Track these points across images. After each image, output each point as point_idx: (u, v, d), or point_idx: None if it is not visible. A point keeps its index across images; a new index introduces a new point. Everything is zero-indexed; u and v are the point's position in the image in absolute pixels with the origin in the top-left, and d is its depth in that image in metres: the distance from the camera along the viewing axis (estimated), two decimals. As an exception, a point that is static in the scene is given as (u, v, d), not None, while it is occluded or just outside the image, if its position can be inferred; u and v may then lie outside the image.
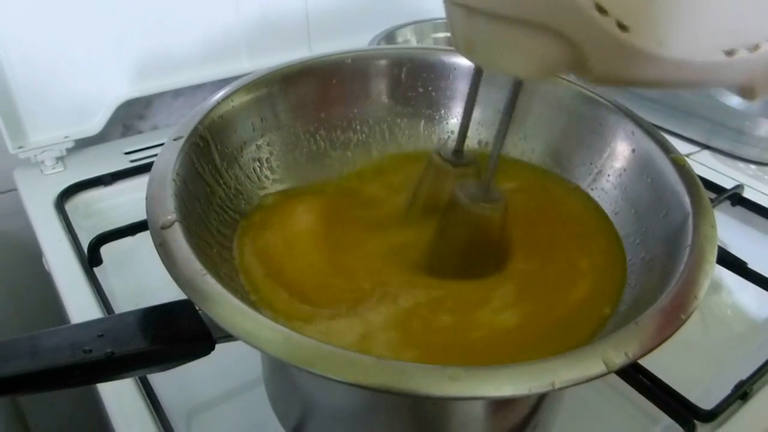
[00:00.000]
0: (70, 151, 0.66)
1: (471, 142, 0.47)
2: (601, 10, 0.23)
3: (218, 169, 0.39)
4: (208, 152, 0.38)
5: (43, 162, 0.65)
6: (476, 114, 0.47)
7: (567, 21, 0.24)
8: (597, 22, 0.24)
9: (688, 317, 0.27)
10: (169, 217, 0.30)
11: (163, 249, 0.29)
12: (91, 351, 0.28)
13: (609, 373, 0.25)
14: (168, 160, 0.34)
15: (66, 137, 0.65)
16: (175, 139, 0.35)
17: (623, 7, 0.24)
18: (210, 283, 0.27)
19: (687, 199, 0.33)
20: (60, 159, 0.66)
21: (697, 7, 0.24)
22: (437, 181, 0.40)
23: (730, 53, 0.25)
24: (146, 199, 0.32)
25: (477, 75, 0.37)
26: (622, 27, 0.24)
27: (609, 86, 0.29)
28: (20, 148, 0.63)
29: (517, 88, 0.33)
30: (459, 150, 0.40)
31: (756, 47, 0.25)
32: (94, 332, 0.29)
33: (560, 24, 0.25)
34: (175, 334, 0.30)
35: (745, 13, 0.24)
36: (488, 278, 0.36)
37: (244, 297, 0.33)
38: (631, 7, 0.24)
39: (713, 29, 0.24)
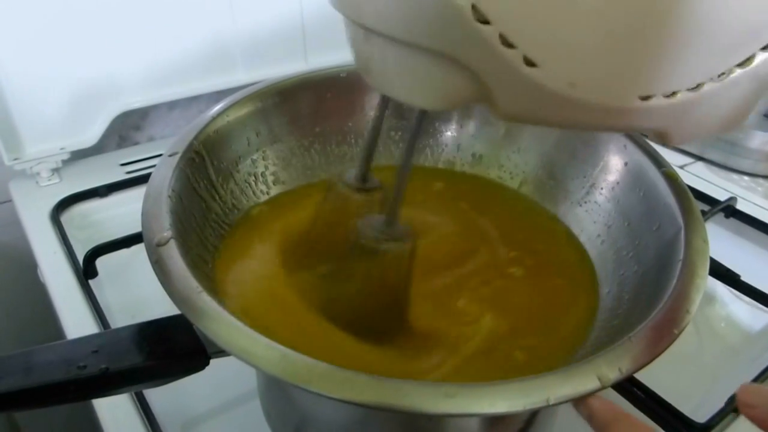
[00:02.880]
0: (65, 162, 0.66)
1: (464, 154, 0.48)
2: (507, 42, 0.22)
3: (214, 185, 0.39)
4: (204, 167, 0.38)
5: (38, 173, 0.65)
6: (470, 127, 0.48)
7: (469, 51, 0.22)
8: (501, 55, 0.22)
9: (681, 332, 0.27)
10: (165, 234, 0.30)
11: (159, 266, 0.29)
12: (85, 367, 0.28)
13: (603, 388, 0.25)
14: (164, 176, 0.34)
15: (62, 149, 0.65)
16: (170, 155, 0.36)
17: (532, 42, 0.22)
18: (206, 301, 0.27)
19: (679, 213, 0.34)
20: (56, 170, 0.66)
21: (612, 49, 0.22)
22: (339, 209, 0.37)
23: (645, 98, 0.23)
24: (142, 215, 0.32)
25: (383, 98, 0.35)
26: (530, 63, 0.22)
27: (518, 123, 0.27)
28: (16, 159, 0.63)
29: (420, 117, 0.30)
30: (363, 174, 0.36)
31: (673, 94, 0.24)
32: (89, 348, 0.29)
33: (462, 54, 0.23)
34: (170, 350, 0.30)
35: (663, 59, 0.22)
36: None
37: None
38: (540, 42, 0.22)
39: (629, 74, 0.23)
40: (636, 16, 0.21)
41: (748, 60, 0.24)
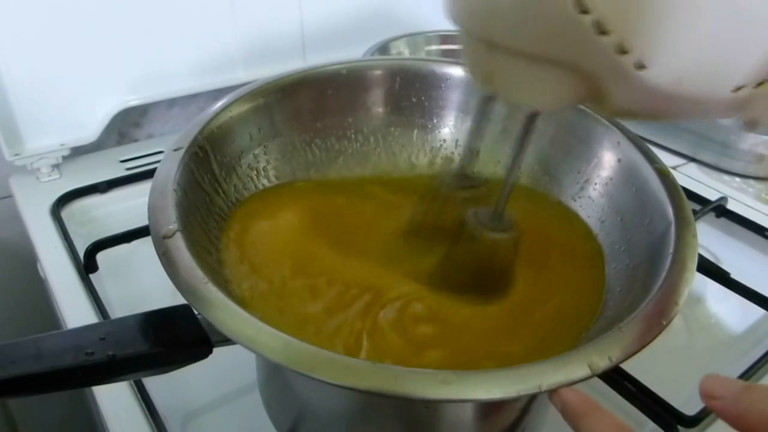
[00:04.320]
0: (66, 158, 0.67)
1: (462, 150, 0.48)
2: (623, 50, 0.24)
3: (217, 179, 0.39)
4: (208, 162, 0.39)
5: (39, 169, 0.65)
6: (469, 124, 0.48)
7: (589, 60, 0.25)
8: (618, 61, 0.24)
9: (669, 323, 0.28)
10: (171, 227, 0.31)
11: (166, 258, 0.30)
12: (93, 353, 0.29)
13: (593, 376, 0.26)
14: (169, 170, 0.35)
15: (62, 145, 0.65)
16: (175, 150, 0.36)
17: (644, 48, 0.24)
18: (212, 291, 0.28)
19: (670, 209, 0.35)
20: (56, 166, 0.66)
21: (715, 47, 0.24)
22: (444, 204, 0.40)
23: (738, 89, 0.26)
24: (148, 209, 0.33)
25: (484, 101, 0.37)
26: (642, 66, 0.24)
27: (625, 119, 0.29)
28: (16, 155, 0.63)
29: (531, 119, 0.33)
30: (465, 173, 0.40)
31: (760, 84, 0.26)
32: (96, 335, 0.29)
33: (582, 62, 0.25)
34: (175, 338, 0.31)
35: (753, 51, 0.25)
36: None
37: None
38: (651, 47, 0.24)
39: (727, 68, 0.25)
40: (733, 19, 0.23)
41: None
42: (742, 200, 0.66)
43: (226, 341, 0.30)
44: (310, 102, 0.46)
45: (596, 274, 0.38)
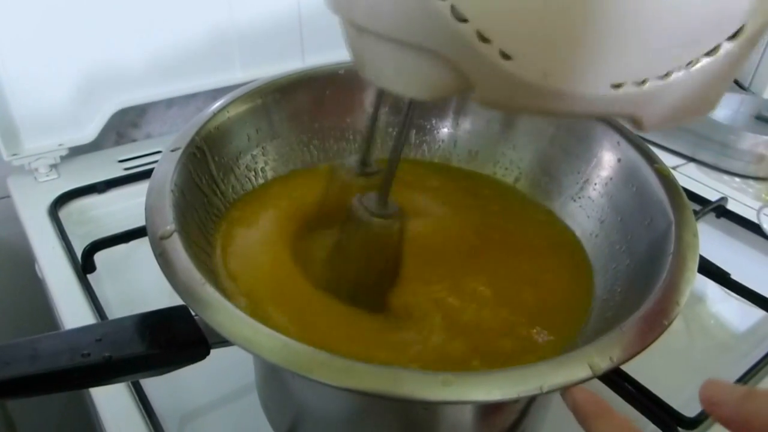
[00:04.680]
0: (64, 158, 0.66)
1: (460, 150, 0.48)
2: (483, 38, 0.23)
3: (215, 179, 0.39)
4: (205, 163, 0.39)
5: (37, 169, 0.65)
6: (467, 124, 0.48)
7: (450, 47, 0.24)
8: (479, 50, 0.23)
9: (670, 323, 0.28)
10: (168, 228, 0.31)
11: (163, 259, 0.30)
12: (89, 355, 0.28)
13: (594, 377, 0.26)
14: (166, 170, 0.35)
15: (60, 145, 0.65)
16: (172, 150, 0.36)
17: (507, 37, 0.23)
18: (209, 292, 0.28)
19: (670, 208, 0.34)
20: (54, 166, 0.66)
21: (583, 40, 0.23)
22: (341, 192, 0.39)
23: (617, 86, 0.25)
24: (146, 209, 0.32)
25: (379, 90, 0.37)
26: (506, 56, 0.23)
27: (498, 110, 0.28)
28: (14, 155, 0.63)
29: (409, 106, 0.32)
30: (363, 159, 0.39)
31: (643, 82, 0.25)
32: (93, 336, 0.29)
33: (443, 50, 0.24)
34: (172, 339, 0.30)
35: (631, 49, 0.24)
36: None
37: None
38: (514, 36, 0.23)
39: (600, 63, 0.24)
40: (601, 8, 0.22)
41: (715, 49, 0.25)
42: (742, 200, 0.66)
43: (224, 342, 0.29)
44: (308, 103, 0.45)
45: (582, 285, 0.38)
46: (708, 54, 0.25)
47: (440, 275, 0.38)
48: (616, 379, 0.43)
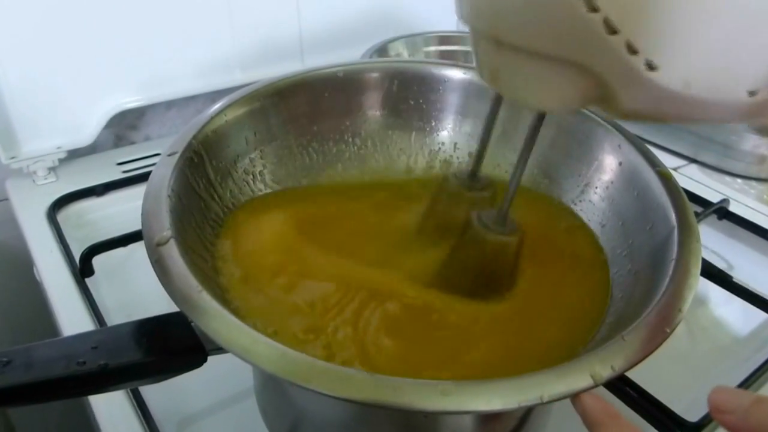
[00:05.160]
0: (62, 161, 0.66)
1: (461, 153, 0.48)
2: (632, 49, 0.24)
3: (212, 184, 0.39)
4: (203, 167, 0.38)
5: (35, 172, 0.65)
6: (467, 127, 0.48)
7: (597, 59, 0.25)
8: (627, 61, 0.24)
9: (673, 330, 0.28)
10: (165, 234, 0.31)
11: (159, 265, 0.29)
12: (84, 363, 0.28)
13: (596, 386, 0.25)
14: (163, 175, 0.34)
15: (58, 148, 0.65)
16: (169, 155, 0.36)
17: (654, 48, 0.24)
18: (206, 300, 0.28)
19: (672, 213, 0.34)
20: (52, 169, 0.66)
21: (725, 50, 0.24)
22: (450, 205, 0.40)
23: (752, 93, 0.26)
24: (142, 215, 0.32)
25: (496, 101, 0.37)
26: (651, 67, 0.24)
27: (634, 121, 0.29)
28: (12, 158, 0.63)
29: (538, 120, 0.33)
30: (474, 173, 0.40)
31: None
32: (88, 344, 0.29)
33: (590, 61, 0.25)
34: (168, 346, 0.30)
35: (766, 57, 0.25)
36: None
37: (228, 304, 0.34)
38: (661, 47, 0.24)
39: (738, 71, 0.25)
40: (740, 18, 0.23)
41: None
42: (744, 202, 0.66)
43: (221, 350, 0.29)
44: (306, 105, 0.45)
45: (601, 279, 0.38)
46: None
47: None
48: (618, 384, 0.43)
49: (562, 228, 0.42)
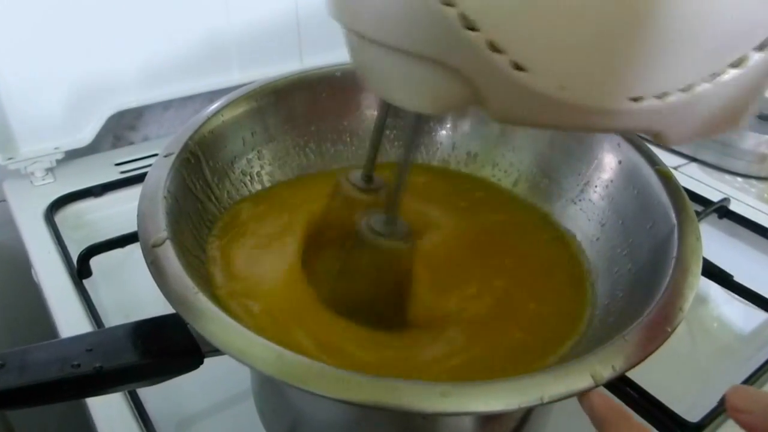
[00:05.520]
0: (60, 162, 0.66)
1: (459, 153, 0.48)
2: (495, 48, 0.22)
3: (209, 185, 0.39)
4: (199, 168, 0.38)
5: (32, 173, 0.65)
6: (465, 126, 0.48)
7: (460, 57, 0.23)
8: (490, 61, 0.22)
9: (674, 330, 0.28)
10: (161, 235, 0.30)
11: (155, 267, 0.29)
12: (79, 365, 0.28)
13: (596, 387, 0.25)
14: (159, 177, 0.34)
15: (56, 148, 0.65)
16: (165, 156, 0.36)
17: (520, 47, 0.22)
18: (202, 301, 0.27)
19: (672, 211, 0.34)
20: (50, 170, 0.66)
21: (600, 51, 0.22)
22: (345, 209, 0.38)
23: (636, 100, 0.24)
24: (138, 216, 0.32)
25: (384, 101, 0.35)
26: (519, 67, 0.22)
27: (512, 125, 0.27)
28: (10, 159, 0.63)
29: (417, 121, 0.31)
30: (369, 175, 0.38)
31: (664, 95, 0.24)
32: (83, 346, 0.29)
33: (453, 60, 0.23)
34: (164, 349, 0.30)
35: (651, 60, 0.22)
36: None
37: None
38: (528, 47, 0.22)
39: (618, 76, 0.23)
40: (620, 18, 0.21)
41: (742, 60, 0.24)
42: (745, 200, 0.65)
43: (217, 351, 0.29)
44: (304, 105, 0.45)
45: (579, 292, 0.38)
46: (734, 65, 0.24)
47: (447, 286, 0.37)
48: (619, 384, 0.42)
49: (542, 240, 0.42)
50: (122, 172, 0.67)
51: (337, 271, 0.36)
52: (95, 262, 0.53)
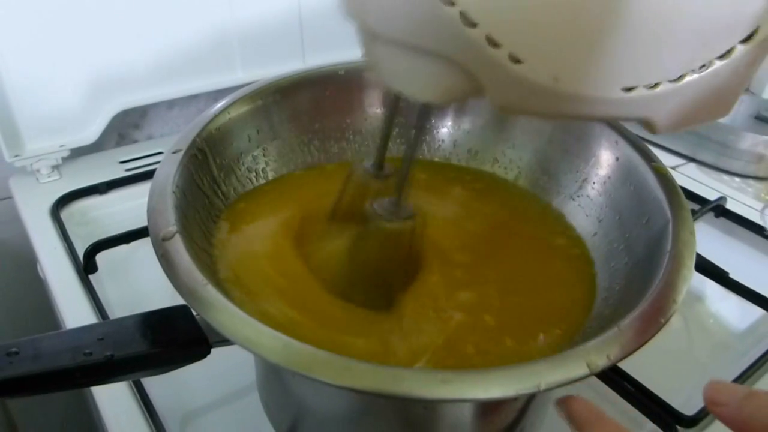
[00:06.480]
0: (65, 159, 0.67)
1: (460, 150, 0.48)
2: (493, 42, 0.24)
3: (216, 181, 0.39)
4: (206, 164, 0.39)
5: (38, 170, 0.65)
6: (466, 124, 0.48)
7: (460, 52, 0.25)
8: (488, 54, 0.24)
9: (668, 321, 0.28)
10: (170, 229, 0.31)
11: (165, 260, 0.30)
12: (91, 354, 0.29)
13: (591, 374, 0.26)
14: (168, 172, 0.35)
15: (62, 146, 0.65)
16: (174, 152, 0.36)
17: (516, 41, 0.24)
18: (211, 293, 0.28)
19: (667, 207, 0.35)
20: (56, 167, 0.67)
21: (593, 44, 0.24)
22: (358, 194, 0.39)
23: (628, 90, 0.25)
24: (147, 211, 0.33)
25: (394, 94, 0.37)
26: (516, 60, 0.24)
27: (513, 115, 0.29)
28: (16, 156, 0.63)
29: (423, 110, 0.33)
30: (380, 163, 0.40)
31: (655, 85, 0.25)
32: (95, 336, 0.29)
33: (454, 55, 0.25)
34: (173, 338, 0.31)
35: (643, 52, 0.24)
36: None
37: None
38: (524, 41, 0.24)
39: (611, 67, 0.24)
40: (612, 11, 0.23)
41: (729, 52, 0.25)
42: (742, 200, 0.66)
43: (225, 341, 0.30)
44: (308, 103, 0.46)
45: (584, 279, 0.38)
46: (721, 57, 0.25)
47: (449, 274, 0.38)
48: (616, 378, 0.43)
49: (546, 228, 0.43)
50: (127, 170, 0.68)
51: (344, 249, 0.38)
52: (101, 257, 0.54)
